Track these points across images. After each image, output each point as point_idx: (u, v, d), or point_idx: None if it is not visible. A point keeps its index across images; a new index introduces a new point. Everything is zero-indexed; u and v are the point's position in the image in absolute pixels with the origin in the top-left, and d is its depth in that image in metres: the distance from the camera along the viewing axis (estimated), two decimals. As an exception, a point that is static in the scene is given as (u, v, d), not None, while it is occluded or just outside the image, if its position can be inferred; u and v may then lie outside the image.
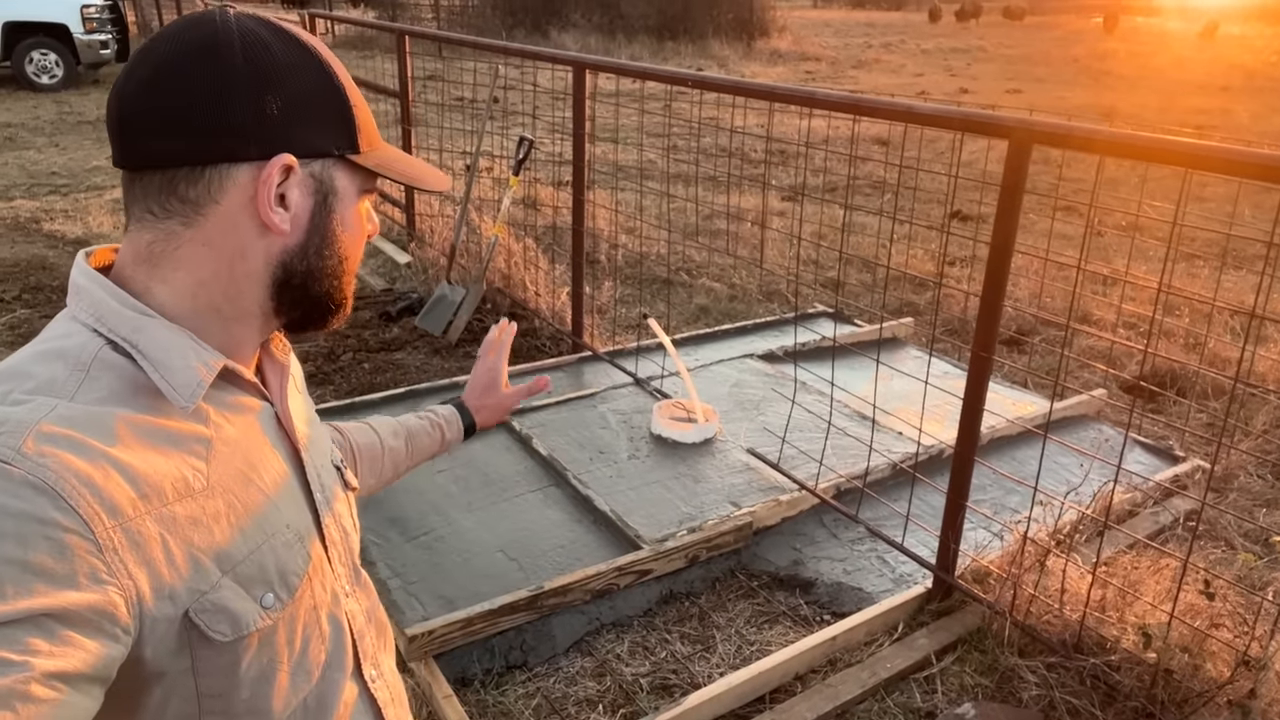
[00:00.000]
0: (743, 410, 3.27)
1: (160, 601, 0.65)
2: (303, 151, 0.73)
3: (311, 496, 0.83)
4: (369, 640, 0.88)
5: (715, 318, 4.47)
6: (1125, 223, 5.39)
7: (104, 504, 0.62)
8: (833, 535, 2.66)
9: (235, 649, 0.70)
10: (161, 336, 0.71)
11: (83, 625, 0.58)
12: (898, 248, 5.32)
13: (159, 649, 0.66)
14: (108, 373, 0.69)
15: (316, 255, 0.77)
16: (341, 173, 0.77)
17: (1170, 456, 3.10)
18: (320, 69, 0.75)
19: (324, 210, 0.76)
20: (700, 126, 5.69)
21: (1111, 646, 1.98)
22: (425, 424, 1.25)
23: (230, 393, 0.77)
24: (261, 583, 0.73)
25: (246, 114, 0.70)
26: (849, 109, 2.33)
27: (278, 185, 0.72)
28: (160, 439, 0.69)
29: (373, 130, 0.80)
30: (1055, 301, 4.47)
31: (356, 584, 0.88)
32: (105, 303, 0.71)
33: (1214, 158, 1.69)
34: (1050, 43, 28.08)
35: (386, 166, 0.80)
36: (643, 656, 2.25)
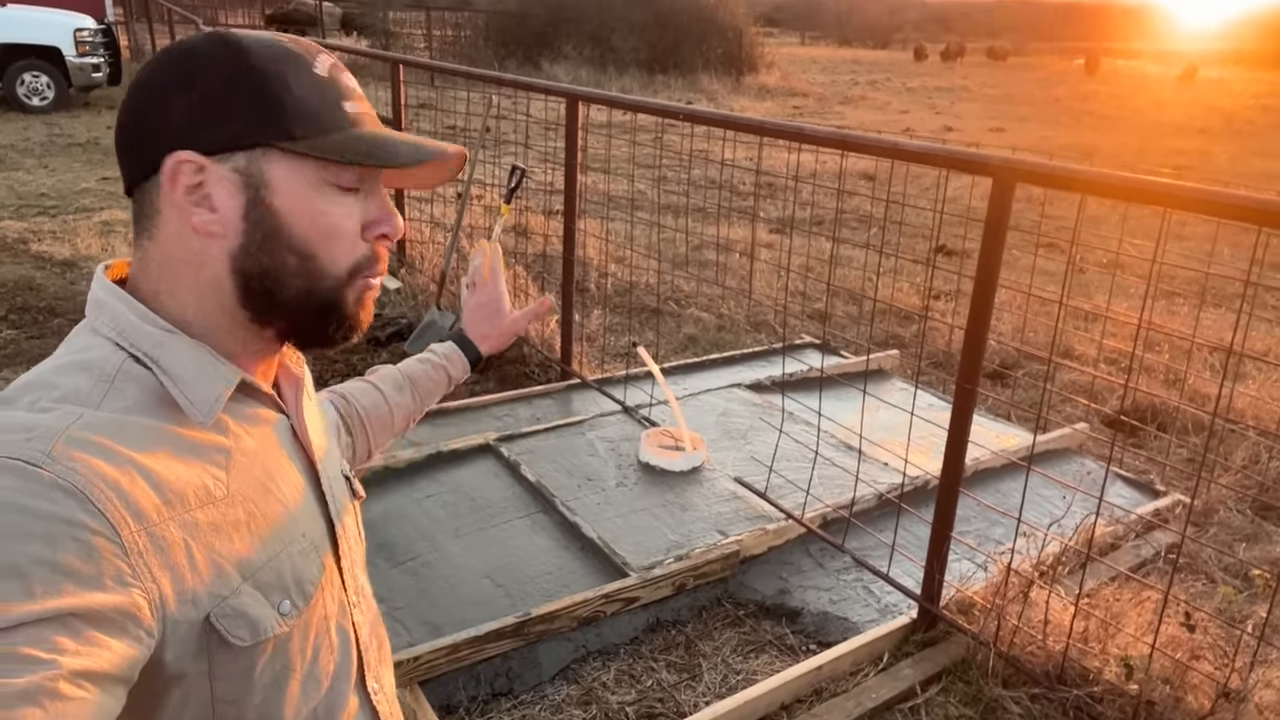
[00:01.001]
0: (730, 439, 3.29)
1: (183, 605, 0.66)
2: (215, 147, 0.71)
3: (326, 507, 0.84)
4: (372, 653, 0.89)
5: (703, 347, 4.51)
6: (1106, 260, 5.48)
7: (130, 508, 0.63)
8: (819, 565, 2.67)
9: (252, 654, 0.72)
10: (181, 353, 0.73)
11: (108, 626, 0.60)
12: (884, 281, 5.38)
13: (179, 652, 0.67)
14: (131, 385, 0.70)
15: (263, 254, 0.73)
16: (276, 163, 0.72)
17: (1151, 490, 3.14)
18: (239, 59, 0.72)
19: (257, 205, 0.72)
20: (690, 159, 5.77)
21: (1094, 678, 2.00)
22: (427, 367, 1.24)
23: (248, 405, 0.78)
24: (279, 590, 0.74)
25: (156, 120, 0.72)
26: (837, 144, 2.38)
27: (194, 186, 0.71)
28: (183, 448, 0.70)
29: (328, 114, 0.74)
30: (1038, 336, 4.53)
31: (362, 597, 0.90)
32: (125, 317, 0.73)
33: (1190, 198, 1.73)
34: (1033, 83, 28.61)
35: (331, 148, 0.73)
36: (629, 685, 2.24)
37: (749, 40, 22.93)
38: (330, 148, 0.73)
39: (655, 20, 21.29)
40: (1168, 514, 2.98)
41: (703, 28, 21.73)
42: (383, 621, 0.95)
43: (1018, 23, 72.34)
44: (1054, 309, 4.54)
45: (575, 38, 20.56)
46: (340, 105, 0.75)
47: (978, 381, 2.17)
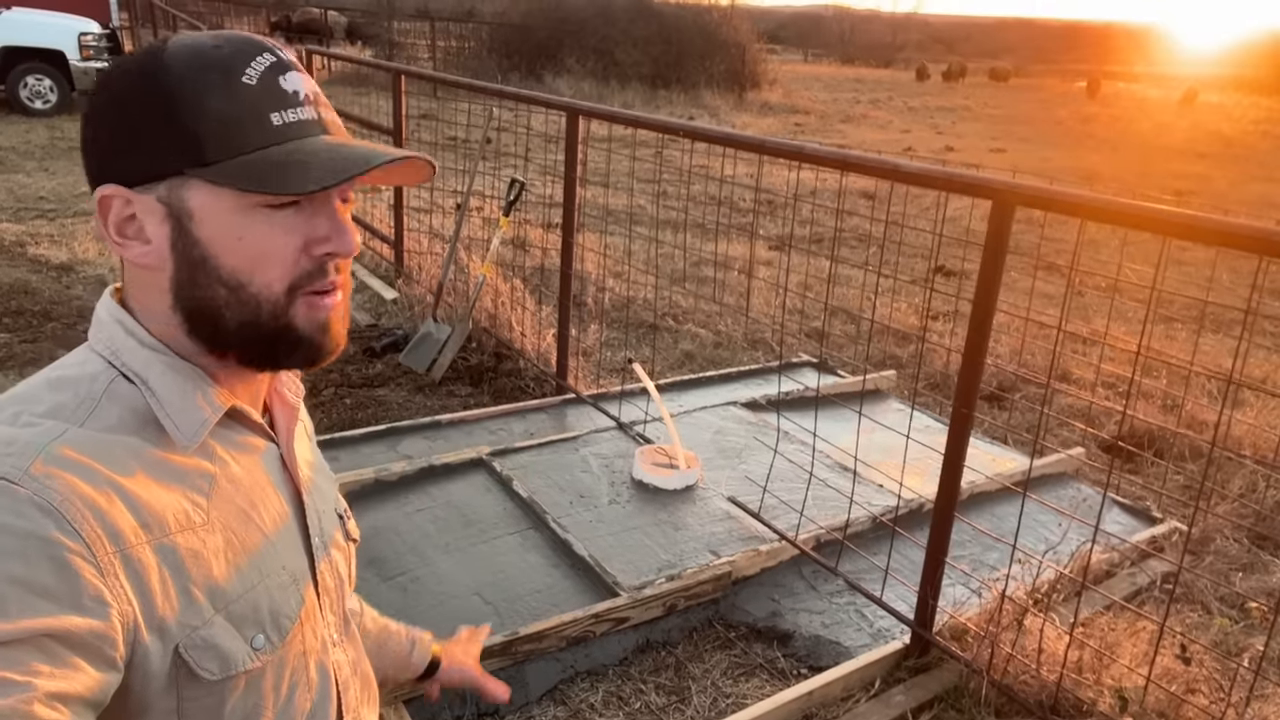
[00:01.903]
0: (725, 458, 3.27)
1: (152, 633, 0.65)
2: (135, 178, 0.69)
3: (310, 540, 0.82)
4: (354, 693, 0.87)
5: (700, 364, 4.49)
6: (1105, 284, 5.47)
7: (106, 528, 0.62)
8: (812, 587, 2.64)
9: (222, 689, 0.70)
10: (168, 375, 0.72)
11: (82, 648, 0.59)
12: (882, 301, 5.37)
13: (146, 683, 0.66)
14: (118, 404, 0.70)
15: (193, 285, 0.70)
16: (195, 191, 0.68)
17: (1148, 518, 3.12)
18: (150, 82, 0.68)
19: (182, 235, 0.69)
20: (690, 174, 5.77)
21: (1088, 709, 1.97)
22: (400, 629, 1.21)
23: (237, 431, 0.77)
24: (253, 623, 0.72)
25: (88, 154, 0.71)
26: (837, 164, 2.37)
27: (126, 218, 0.70)
28: (164, 472, 0.69)
29: (248, 132, 0.68)
30: (1036, 359, 4.52)
31: (345, 635, 0.88)
32: (120, 337, 0.73)
33: (1190, 226, 1.72)
34: (1034, 105, 28.74)
35: (238, 174, 0.67)
36: (617, 707, 2.21)
37: (752, 57, 23.02)
38: (238, 173, 0.67)
39: (659, 35, 21.39)
40: (1164, 542, 2.96)
41: (706, 43, 21.82)
42: (368, 660, 0.93)
43: (1020, 44, 72.77)
44: (1052, 332, 4.53)
45: (578, 51, 20.64)
46: (266, 118, 0.69)
47: (974, 405, 2.15)
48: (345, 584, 0.89)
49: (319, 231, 0.72)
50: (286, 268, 0.71)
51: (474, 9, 26.69)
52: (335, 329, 0.76)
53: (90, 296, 4.77)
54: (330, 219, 0.73)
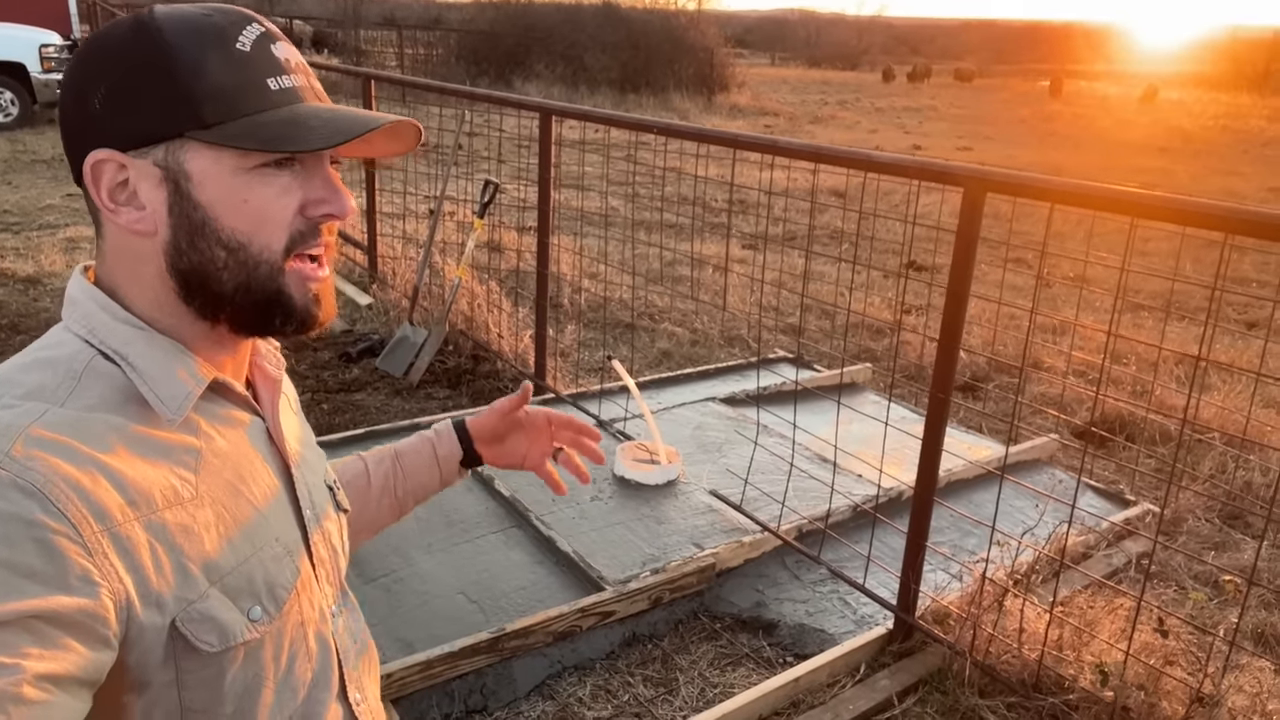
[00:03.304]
0: (705, 452, 3.28)
1: (148, 609, 0.64)
2: (131, 142, 0.68)
3: (301, 512, 0.82)
4: (354, 661, 0.87)
5: (677, 362, 4.51)
6: (1073, 274, 5.56)
7: (92, 508, 0.62)
8: (795, 576, 2.66)
9: (221, 661, 0.70)
10: (150, 350, 0.71)
11: (72, 628, 0.59)
12: (856, 295, 5.42)
13: (144, 658, 0.65)
14: (98, 382, 0.69)
15: (192, 249, 0.70)
16: (194, 153, 0.69)
17: (1121, 500, 3.17)
18: (147, 46, 0.68)
19: (180, 199, 0.69)
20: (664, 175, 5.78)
21: (1070, 685, 2.00)
22: (414, 439, 1.15)
23: (221, 405, 0.77)
24: (249, 595, 0.72)
25: (76, 117, 0.70)
26: (810, 157, 2.39)
27: (118, 184, 0.69)
28: (150, 448, 0.68)
29: (247, 95, 0.69)
30: (1008, 349, 4.58)
31: (344, 605, 0.88)
32: (96, 315, 0.72)
33: (1157, 206, 1.76)
34: (998, 104, 29.11)
35: (243, 135, 0.68)
36: (605, 700, 2.22)
37: (719, 60, 23.14)
38: (243, 133, 0.68)
39: (627, 40, 21.45)
40: (1138, 523, 3.01)
41: (674, 48, 21.92)
42: (369, 631, 0.93)
43: (983, 45, 73.71)
44: (1022, 323, 4.60)
45: (547, 57, 20.65)
46: (263, 83, 0.70)
47: (950, 391, 2.18)
48: (339, 555, 0.88)
49: (315, 193, 0.73)
50: (284, 229, 0.72)
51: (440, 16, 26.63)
52: (325, 299, 0.77)
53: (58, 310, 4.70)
54: (325, 181, 0.74)
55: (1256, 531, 3.04)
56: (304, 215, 0.73)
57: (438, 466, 1.12)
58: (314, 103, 0.74)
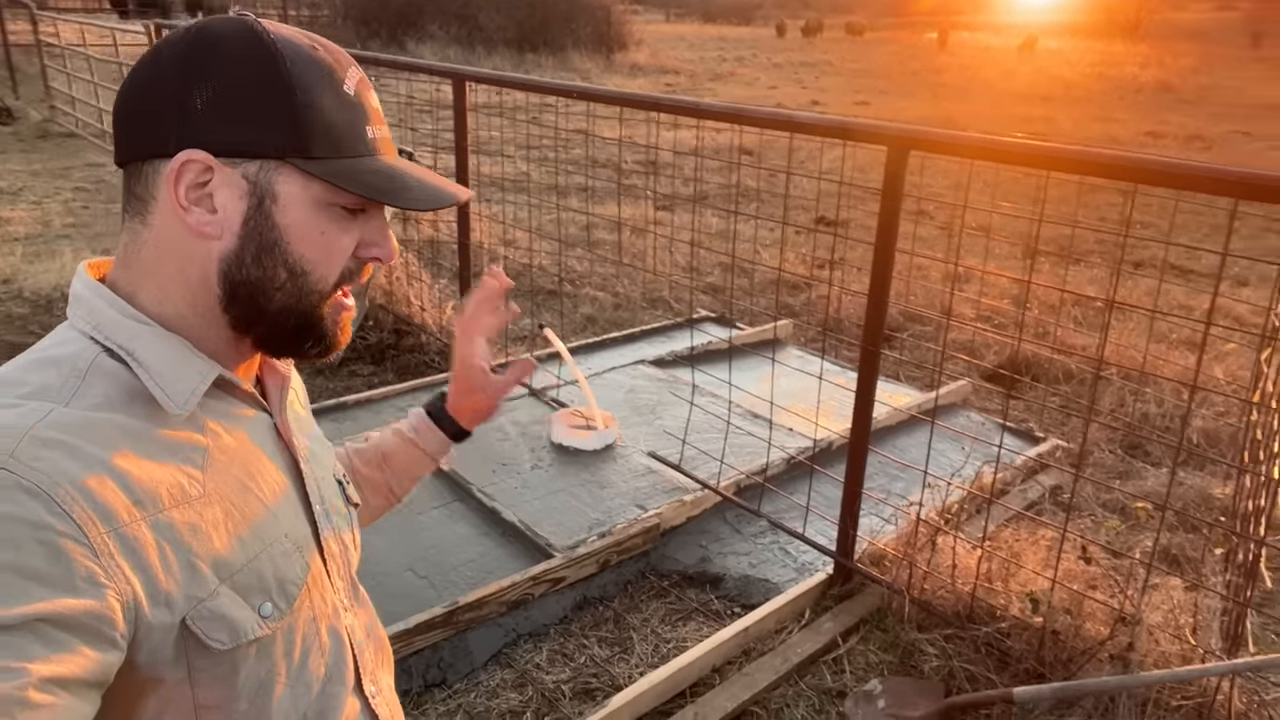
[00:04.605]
0: (640, 415, 3.33)
1: (156, 608, 0.64)
2: (228, 150, 0.69)
3: (310, 508, 0.82)
4: (369, 656, 0.87)
5: (602, 326, 4.52)
6: (977, 225, 5.79)
7: (98, 509, 0.61)
8: (736, 531, 2.74)
9: (233, 658, 0.70)
10: (157, 345, 0.71)
11: (79, 630, 0.58)
12: (771, 253, 5.52)
13: (155, 657, 0.65)
14: (103, 380, 0.68)
15: (255, 265, 0.72)
16: (286, 178, 0.71)
17: (1031, 437, 3.36)
18: (269, 64, 0.69)
19: (260, 215, 0.71)
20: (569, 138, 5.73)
21: (1001, 615, 2.14)
22: (395, 436, 1.10)
23: (228, 402, 0.77)
24: (260, 591, 0.72)
25: (169, 106, 0.69)
26: (732, 119, 2.42)
27: (197, 184, 0.69)
28: (156, 446, 0.68)
29: (349, 138, 0.73)
30: (918, 299, 4.75)
31: (355, 599, 0.88)
32: (102, 311, 0.71)
33: (1069, 159, 1.86)
34: (889, 57, 29.73)
35: (346, 177, 0.71)
36: (562, 663, 2.26)
37: (616, 18, 22.91)
38: (346, 175, 0.72)
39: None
40: (1048, 458, 3.20)
41: (570, 6, 21.57)
42: (380, 623, 0.94)
43: (871, -1, 74.86)
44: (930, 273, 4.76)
45: (440, 17, 20.05)
46: (363, 129, 0.74)
47: (880, 343, 2.27)
48: (350, 549, 0.89)
49: (370, 236, 0.77)
50: (340, 265, 0.76)
51: (324, -25, 25.47)
52: (347, 328, 0.80)
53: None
54: (380, 227, 0.78)
55: (1155, 460, 3.27)
56: (355, 255, 0.77)
57: (429, 459, 1.10)
58: (391, 156, 0.78)
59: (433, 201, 0.75)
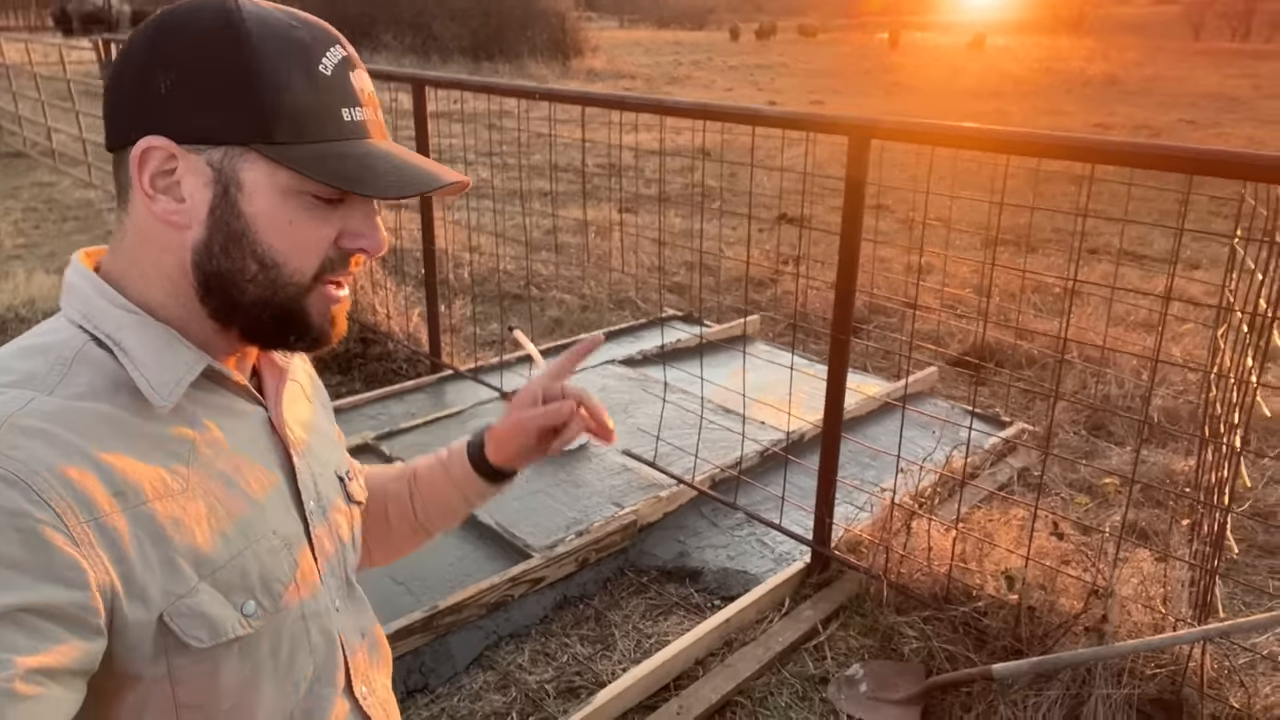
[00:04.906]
0: (613, 415, 3.30)
1: (133, 602, 0.63)
2: (191, 136, 0.66)
3: (303, 504, 0.79)
4: (361, 657, 0.85)
5: (570, 328, 4.52)
6: (936, 215, 5.87)
7: (77, 498, 0.60)
8: (713, 524, 2.75)
9: (213, 657, 0.68)
10: (143, 334, 0.69)
11: (62, 619, 0.58)
12: (736, 250, 5.55)
13: (132, 654, 0.64)
14: (89, 369, 0.67)
15: (224, 255, 0.68)
16: (252, 165, 0.67)
17: (998, 422, 3.41)
18: (234, 46, 0.66)
19: (225, 205, 0.68)
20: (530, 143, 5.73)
21: (977, 594, 2.16)
22: (430, 458, 1.02)
23: (219, 395, 0.74)
24: (242, 589, 0.70)
25: (135, 91, 0.67)
26: (699, 115, 2.44)
27: (164, 172, 0.67)
28: (140, 438, 0.67)
29: (320, 121, 0.68)
30: (881, 291, 4.81)
31: (349, 599, 0.85)
32: (91, 299, 0.70)
33: (1025, 142, 1.90)
34: (842, 58, 30.08)
35: (310, 163, 0.67)
36: (545, 663, 2.25)
37: (571, 25, 22.92)
38: (310, 161, 0.67)
39: (476, 7, 20.93)
40: (1016, 441, 3.25)
41: (525, 13, 21.55)
42: (378, 624, 0.91)
43: (821, 1, 75.77)
44: (893, 265, 4.81)
45: (394, 26, 19.92)
46: (338, 112, 0.69)
47: (850, 331, 2.30)
48: (348, 547, 0.86)
49: (354, 226, 0.72)
50: (318, 257, 0.71)
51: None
52: (340, 320, 0.76)
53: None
54: (366, 217, 0.73)
55: (1119, 439, 3.34)
56: (338, 245, 0.72)
57: (456, 488, 0.98)
58: (379, 140, 0.73)
59: (406, 187, 0.69)
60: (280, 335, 0.73)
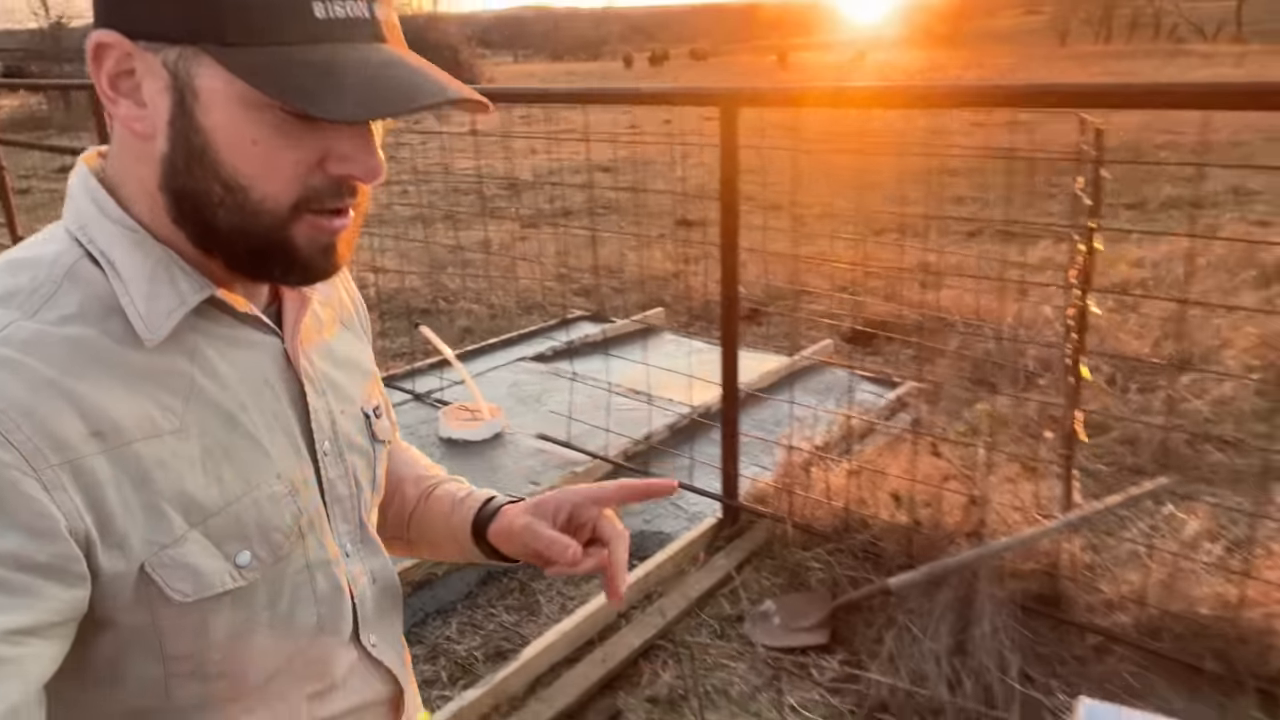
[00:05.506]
0: (525, 405, 3.42)
1: (109, 552, 0.57)
2: (144, 32, 0.57)
3: (315, 444, 0.71)
4: (370, 605, 0.77)
5: (480, 336, 4.59)
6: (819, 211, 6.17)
7: (48, 438, 0.55)
8: (628, 495, 2.87)
9: (201, 609, 0.62)
10: (137, 254, 0.61)
11: (40, 570, 0.53)
12: (639, 255, 5.72)
13: (110, 601, 0.58)
14: (79, 288, 0.60)
15: (188, 174, 0.59)
16: (209, 70, 0.57)
17: (889, 383, 3.63)
18: None
19: (183, 115, 0.58)
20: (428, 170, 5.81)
21: (873, 522, 2.33)
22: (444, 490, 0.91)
23: (226, 324, 0.66)
24: (238, 539, 0.63)
25: None
26: (580, 99, 2.59)
27: (124, 72, 0.59)
28: (129, 370, 0.60)
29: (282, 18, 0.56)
30: (778, 280, 5.04)
31: (363, 544, 0.77)
32: (88, 210, 0.62)
33: (896, 94, 2.09)
34: (734, 78, 30.93)
35: (262, 71, 0.56)
36: (472, 633, 2.32)
37: (466, 59, 23.06)
38: (260, 69, 0.56)
39: (366, 46, 20.86)
40: (906, 399, 3.47)
41: (416, 47, 21.34)
42: (393, 568, 0.81)
43: (712, 27, 77.88)
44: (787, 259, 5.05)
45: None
46: (307, 7, 0.57)
47: (737, 289, 2.45)
48: (365, 490, 0.77)
49: (340, 149, 0.61)
50: (296, 183, 0.60)
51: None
52: (340, 251, 0.65)
53: None
54: (356, 138, 0.61)
55: (999, 390, 3.59)
56: (324, 170, 0.61)
57: (454, 540, 0.89)
58: (373, 44, 0.60)
59: (377, 105, 0.56)
60: (263, 268, 0.63)
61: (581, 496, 0.82)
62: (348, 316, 0.82)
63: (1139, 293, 4.48)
